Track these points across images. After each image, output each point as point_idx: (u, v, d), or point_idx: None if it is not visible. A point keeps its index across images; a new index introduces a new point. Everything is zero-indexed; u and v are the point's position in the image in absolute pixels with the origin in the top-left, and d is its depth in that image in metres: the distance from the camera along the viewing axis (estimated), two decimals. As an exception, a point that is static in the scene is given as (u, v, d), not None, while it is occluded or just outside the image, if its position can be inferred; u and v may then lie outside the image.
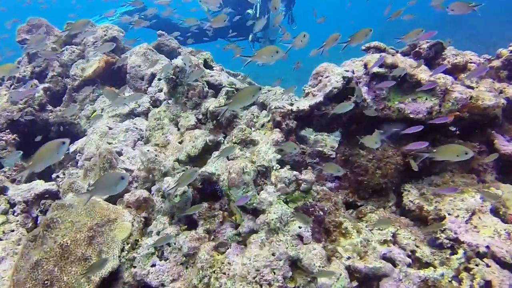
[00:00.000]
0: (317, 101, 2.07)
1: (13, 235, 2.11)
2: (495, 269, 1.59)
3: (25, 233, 2.16)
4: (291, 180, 1.76)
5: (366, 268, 1.59)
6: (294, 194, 1.75)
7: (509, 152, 2.23)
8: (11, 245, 2.03)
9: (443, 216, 1.80)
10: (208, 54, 2.62)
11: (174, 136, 2.25)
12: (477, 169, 2.23)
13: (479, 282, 1.56)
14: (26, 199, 2.31)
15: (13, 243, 2.05)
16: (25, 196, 2.31)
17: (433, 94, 2.05)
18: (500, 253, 1.63)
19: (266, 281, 1.55)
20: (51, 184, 2.38)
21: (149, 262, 1.77)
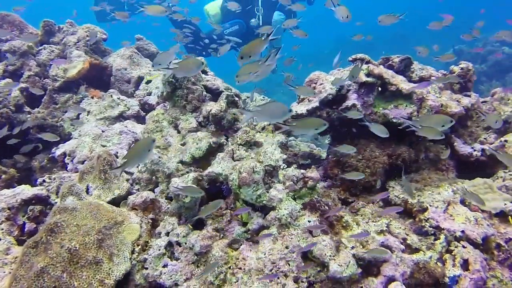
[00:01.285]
0: (313, 106, 2.13)
1: (1, 245, 1.92)
2: (470, 249, 1.74)
3: (13, 242, 1.98)
4: (298, 178, 1.79)
5: (369, 256, 1.67)
6: (301, 191, 1.78)
7: (466, 153, 2.44)
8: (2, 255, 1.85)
9: (426, 207, 1.93)
10: (203, 59, 2.59)
11: (174, 138, 2.19)
12: (442, 168, 2.44)
13: (459, 261, 1.71)
14: (11, 205, 2.09)
15: (1, 253, 1.86)
16: (10, 202, 2.10)
17: (411, 102, 2.20)
18: (472, 236, 1.79)
19: (282, 272, 1.57)
20: (39, 189, 2.20)
21: (160, 263, 1.70)
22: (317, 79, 2.30)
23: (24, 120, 2.76)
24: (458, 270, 1.65)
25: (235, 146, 1.99)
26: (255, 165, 1.77)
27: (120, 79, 3.11)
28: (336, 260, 1.58)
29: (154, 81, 3.06)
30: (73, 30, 3.35)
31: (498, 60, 9.71)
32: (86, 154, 2.28)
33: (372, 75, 2.17)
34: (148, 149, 1.27)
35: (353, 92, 2.19)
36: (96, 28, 3.40)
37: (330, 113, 2.22)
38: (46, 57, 3.11)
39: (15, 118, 2.74)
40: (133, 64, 3.20)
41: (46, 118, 2.81)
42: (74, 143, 2.47)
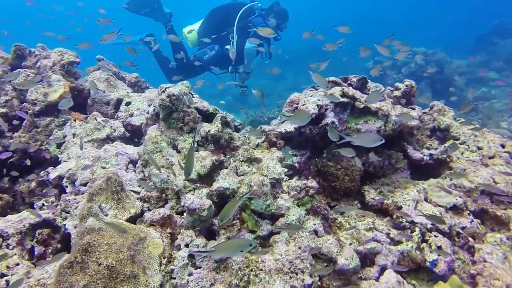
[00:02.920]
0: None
1: (20, 269, 1.95)
2: (441, 238, 2.16)
3: (31, 265, 2.01)
4: (301, 187, 2.08)
5: (365, 250, 2.00)
6: (304, 199, 2.08)
7: (418, 158, 2.92)
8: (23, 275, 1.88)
9: (400, 206, 2.34)
10: (188, 83, 2.79)
11: (175, 158, 2.36)
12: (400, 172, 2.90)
13: (434, 248, 2.12)
14: (19, 230, 2.12)
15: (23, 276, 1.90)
16: (18, 227, 2.12)
17: (378, 117, 2.62)
18: (441, 227, 2.22)
19: (300, 269, 1.84)
20: (45, 213, 2.23)
21: (186, 272, 1.87)
22: (298, 100, 2.63)
23: (6, 145, 2.72)
24: (435, 255, 2.05)
25: (238, 163, 2.23)
26: (263, 179, 2.03)
27: (99, 101, 3.17)
28: (342, 255, 1.90)
29: (134, 103, 3.17)
30: (45, 54, 3.33)
31: (412, 71, 10.83)
32: (88, 176, 2.35)
33: (346, 95, 2.55)
34: (241, 250, 1.41)
35: (330, 110, 2.55)
36: (69, 51, 3.41)
37: (311, 129, 2.56)
38: (22, 81, 3.06)
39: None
40: (110, 86, 3.28)
41: (29, 142, 2.79)
42: (69, 166, 2.51)
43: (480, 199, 2.57)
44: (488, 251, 2.23)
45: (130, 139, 2.98)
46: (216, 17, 4.54)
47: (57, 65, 3.20)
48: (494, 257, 2.20)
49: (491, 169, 2.78)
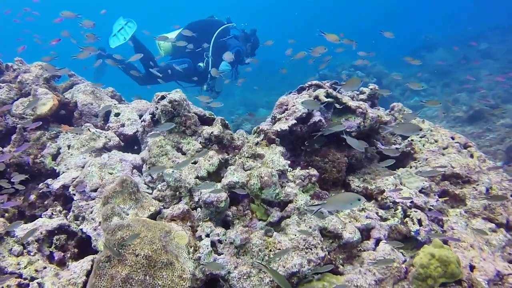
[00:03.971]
0: (292, 123, 2.74)
1: (48, 271, 2.00)
2: (420, 212, 2.56)
3: (57, 268, 2.06)
4: (305, 176, 2.37)
5: (362, 226, 2.32)
6: (307, 186, 2.36)
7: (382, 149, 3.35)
8: (55, 279, 1.94)
9: (383, 190, 2.71)
10: (181, 91, 2.97)
11: (181, 159, 2.53)
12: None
13: (416, 221, 2.50)
14: (37, 237, 2.16)
15: (55, 278, 1.96)
16: (35, 234, 2.16)
17: (357, 115, 2.99)
18: (418, 203, 2.62)
19: (313, 245, 2.10)
20: (60, 219, 2.29)
21: (211, 258, 2.06)
22: (286, 102, 2.94)
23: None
24: (417, 226, 2.42)
25: (244, 159, 2.47)
26: (272, 170, 2.29)
27: (87, 113, 3.23)
28: (347, 230, 2.20)
29: (123, 114, 3.28)
30: (24, 68, 3.33)
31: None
32: (98, 182, 2.43)
33: (330, 96, 2.90)
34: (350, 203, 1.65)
35: (316, 110, 2.88)
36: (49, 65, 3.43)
37: (301, 127, 2.86)
38: (6, 96, 3.04)
39: (-10, 158, 2.67)
40: (97, 98, 3.35)
41: (22, 156, 2.79)
42: (73, 175, 2.57)
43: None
44: (454, 221, 2.67)
45: (124, 148, 3.08)
46: (199, 30, 4.70)
47: (40, 78, 3.21)
48: (459, 226, 2.64)
49: (448, 156, 3.27)
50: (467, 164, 3.16)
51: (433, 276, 2.05)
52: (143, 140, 2.97)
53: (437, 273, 2.05)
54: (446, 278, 2.05)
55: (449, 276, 2.05)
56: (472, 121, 8.96)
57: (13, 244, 2.07)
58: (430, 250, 2.13)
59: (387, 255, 2.18)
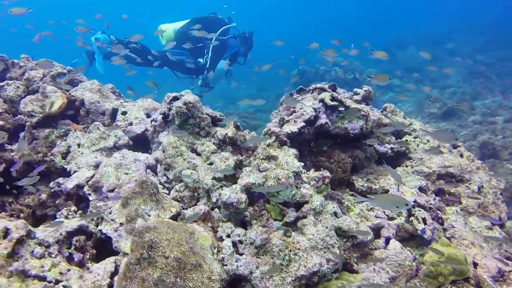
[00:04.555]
0: (301, 125, 2.75)
1: (72, 274, 1.94)
2: (423, 211, 2.64)
3: (80, 270, 2.01)
4: (319, 177, 2.39)
5: (373, 225, 2.38)
6: (321, 187, 2.39)
7: (383, 151, 3.42)
8: (80, 281, 1.90)
9: (388, 189, 2.77)
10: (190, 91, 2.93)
11: (197, 160, 2.50)
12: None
13: (420, 220, 2.57)
14: (57, 238, 2.09)
15: (79, 279, 1.91)
16: (55, 236, 2.09)
17: (359, 118, 3.04)
18: (422, 203, 2.70)
19: (330, 244, 2.14)
20: (79, 220, 2.22)
21: (233, 259, 2.06)
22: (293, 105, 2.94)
23: (9, 158, 2.59)
24: (422, 225, 2.50)
25: (259, 161, 2.46)
26: (288, 172, 2.30)
27: (94, 111, 3.13)
28: (360, 230, 2.24)
29: (130, 113, 3.20)
30: (31, 65, 3.19)
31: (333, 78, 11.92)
32: (114, 182, 2.37)
33: (336, 99, 2.93)
34: (396, 206, 1.66)
35: (322, 113, 2.91)
36: (55, 62, 3.30)
37: (309, 129, 2.88)
38: (13, 93, 2.90)
39: (1, 157, 2.56)
40: (103, 97, 3.25)
41: (31, 154, 2.69)
42: (86, 175, 2.50)
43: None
44: (454, 219, 2.76)
45: (132, 147, 3.01)
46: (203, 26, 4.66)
47: (47, 76, 3.09)
48: (459, 224, 2.74)
49: (441, 156, 3.38)
50: (460, 164, 3.27)
51: (443, 274, 2.13)
52: (153, 140, 2.91)
53: (447, 271, 2.13)
54: (455, 276, 2.13)
55: (458, 273, 2.13)
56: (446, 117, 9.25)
57: (34, 246, 2.00)
58: (439, 248, 2.20)
59: (398, 253, 2.24)
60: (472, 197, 3.04)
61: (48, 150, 2.76)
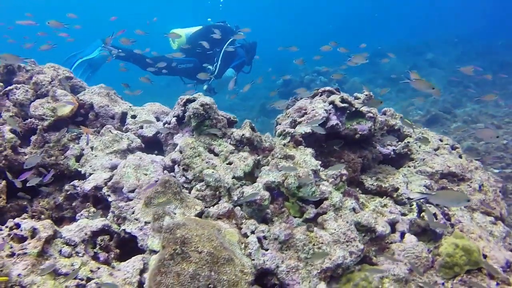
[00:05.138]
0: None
1: (103, 272, 1.95)
2: (433, 207, 2.76)
3: (109, 268, 2.01)
4: (337, 175, 2.48)
5: (389, 220, 2.47)
6: (339, 184, 2.48)
7: (386, 153, 3.55)
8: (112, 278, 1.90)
9: (397, 187, 2.88)
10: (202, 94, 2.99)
11: (216, 160, 2.55)
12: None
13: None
14: (82, 238, 2.10)
15: (110, 277, 1.92)
16: (80, 235, 2.10)
17: (367, 119, 3.16)
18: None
19: (352, 238, 2.22)
20: (102, 220, 2.23)
21: (260, 254, 2.11)
22: (304, 107, 3.05)
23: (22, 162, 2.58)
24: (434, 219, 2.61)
25: (277, 160, 2.54)
26: (308, 170, 2.38)
27: (104, 115, 3.15)
28: (379, 224, 2.33)
29: (139, 116, 3.23)
30: (38, 69, 3.18)
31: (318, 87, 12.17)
32: (134, 183, 2.39)
33: (345, 101, 3.05)
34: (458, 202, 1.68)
35: (333, 114, 3.02)
36: (61, 67, 3.31)
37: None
38: (23, 97, 2.89)
39: (15, 160, 2.54)
40: (112, 101, 3.27)
41: (44, 157, 2.68)
42: (104, 177, 2.51)
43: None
44: (460, 215, 2.89)
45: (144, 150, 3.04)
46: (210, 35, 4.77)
47: (56, 80, 3.10)
48: (466, 219, 2.87)
49: (442, 157, 3.53)
50: (461, 164, 3.43)
51: (459, 264, 2.24)
52: (167, 142, 2.95)
53: (463, 261, 2.24)
54: (470, 266, 2.24)
55: (473, 263, 2.24)
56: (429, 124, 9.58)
57: (61, 245, 2.00)
58: (453, 240, 2.32)
59: (415, 246, 2.34)
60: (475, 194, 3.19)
61: (61, 154, 2.75)
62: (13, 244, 1.90)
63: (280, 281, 2.09)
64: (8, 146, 2.52)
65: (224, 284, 1.80)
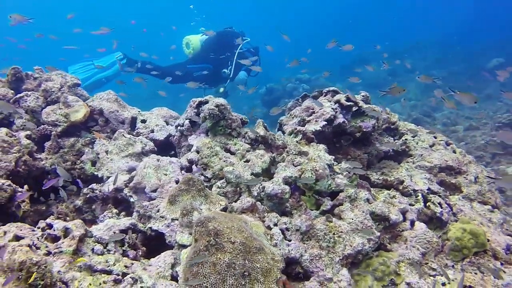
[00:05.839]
0: (323, 124, 3.00)
1: (137, 267, 2.01)
2: (437, 197, 2.94)
3: (142, 263, 2.08)
4: (351, 168, 2.63)
5: (400, 209, 2.63)
6: (352, 177, 2.62)
7: (385, 150, 3.75)
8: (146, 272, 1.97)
9: (403, 180, 3.06)
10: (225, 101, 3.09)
11: (233, 158, 2.66)
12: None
13: (437, 204, 2.86)
14: (111, 237, 2.16)
15: (145, 272, 1.99)
16: (109, 234, 2.16)
17: (371, 117, 3.34)
18: (435, 190, 3.01)
19: (369, 226, 2.36)
20: (128, 219, 2.30)
21: (284, 244, 2.22)
22: (312, 107, 3.20)
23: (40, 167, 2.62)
24: (439, 208, 2.79)
25: (292, 156, 2.67)
26: (324, 164, 2.52)
27: (114, 120, 3.21)
28: (392, 213, 2.49)
29: (150, 120, 3.31)
30: (46, 76, 3.23)
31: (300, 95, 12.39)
32: (156, 183, 2.47)
33: (350, 100, 3.22)
34: None
35: (339, 113, 3.18)
36: (68, 74, 3.36)
37: (328, 128, 3.14)
38: (34, 103, 2.93)
39: (34, 166, 2.58)
40: (121, 106, 3.34)
41: (60, 163, 2.72)
42: (123, 179, 2.58)
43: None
44: (461, 204, 3.09)
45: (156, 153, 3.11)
46: (223, 40, 5.03)
47: (65, 86, 3.15)
48: (466, 207, 3.07)
49: (439, 152, 3.74)
50: (457, 158, 3.65)
51: (467, 247, 2.41)
52: (180, 144, 3.04)
53: (471, 244, 2.41)
54: (477, 248, 2.42)
55: (480, 246, 2.42)
56: (413, 128, 9.89)
57: (93, 243, 2.06)
58: (461, 225, 2.49)
59: (426, 232, 2.51)
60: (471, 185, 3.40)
61: (76, 159, 2.80)
62: (48, 244, 1.95)
63: (304, 269, 2.20)
64: (26, 152, 2.56)
65: (258, 271, 1.90)
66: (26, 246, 1.81)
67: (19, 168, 2.45)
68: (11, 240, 1.86)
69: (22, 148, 2.54)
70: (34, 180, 2.59)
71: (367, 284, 2.20)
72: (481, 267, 2.42)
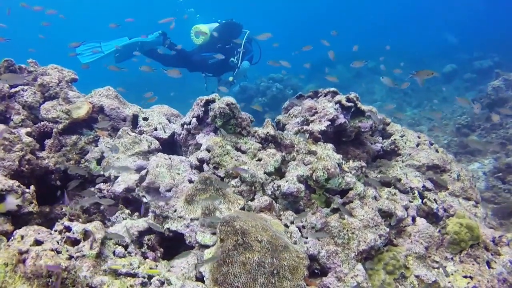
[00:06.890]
0: (327, 124, 3.04)
1: (161, 269, 1.94)
2: (433, 194, 3.07)
3: (165, 264, 2.01)
4: (358, 167, 2.68)
5: (402, 206, 2.72)
6: (359, 175, 2.68)
7: (377, 149, 3.86)
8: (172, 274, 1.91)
9: (400, 178, 3.16)
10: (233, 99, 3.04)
11: (245, 157, 2.63)
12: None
13: (433, 200, 2.99)
14: (131, 238, 2.07)
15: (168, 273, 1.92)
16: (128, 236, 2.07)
17: (368, 117, 3.42)
18: (430, 187, 3.14)
19: (379, 222, 2.42)
20: (145, 220, 2.21)
21: (302, 241, 2.23)
22: (314, 107, 3.23)
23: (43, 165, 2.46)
24: (436, 204, 2.91)
25: (303, 155, 2.68)
26: (335, 163, 2.56)
27: (115, 117, 3.07)
28: (398, 210, 2.57)
29: (152, 118, 3.20)
30: (41, 70, 3.02)
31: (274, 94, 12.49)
32: (170, 182, 2.39)
33: (350, 101, 3.28)
34: None
35: (340, 113, 3.23)
36: (64, 68, 3.17)
37: (330, 127, 3.18)
38: (32, 99, 2.74)
39: (38, 164, 2.42)
40: (121, 103, 3.20)
41: (64, 162, 2.57)
42: (133, 178, 2.48)
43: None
44: (451, 200, 3.24)
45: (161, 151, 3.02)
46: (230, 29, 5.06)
47: (63, 81, 2.98)
48: (455, 203, 3.22)
49: (425, 151, 3.90)
50: (442, 157, 3.82)
51: (464, 240, 2.54)
52: (187, 142, 2.96)
53: (467, 237, 2.54)
54: (473, 241, 2.56)
55: (475, 238, 2.56)
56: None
57: (114, 246, 1.97)
58: (457, 220, 2.62)
59: (427, 227, 2.61)
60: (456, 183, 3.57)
61: (80, 157, 2.66)
62: (68, 247, 1.85)
63: (321, 265, 2.23)
64: (28, 150, 2.40)
65: (285, 269, 1.90)
66: (50, 250, 1.70)
67: (22, 168, 2.29)
68: (32, 245, 1.74)
69: (24, 146, 2.37)
70: (36, 180, 2.43)
71: (380, 277, 2.27)
72: (478, 258, 2.56)
